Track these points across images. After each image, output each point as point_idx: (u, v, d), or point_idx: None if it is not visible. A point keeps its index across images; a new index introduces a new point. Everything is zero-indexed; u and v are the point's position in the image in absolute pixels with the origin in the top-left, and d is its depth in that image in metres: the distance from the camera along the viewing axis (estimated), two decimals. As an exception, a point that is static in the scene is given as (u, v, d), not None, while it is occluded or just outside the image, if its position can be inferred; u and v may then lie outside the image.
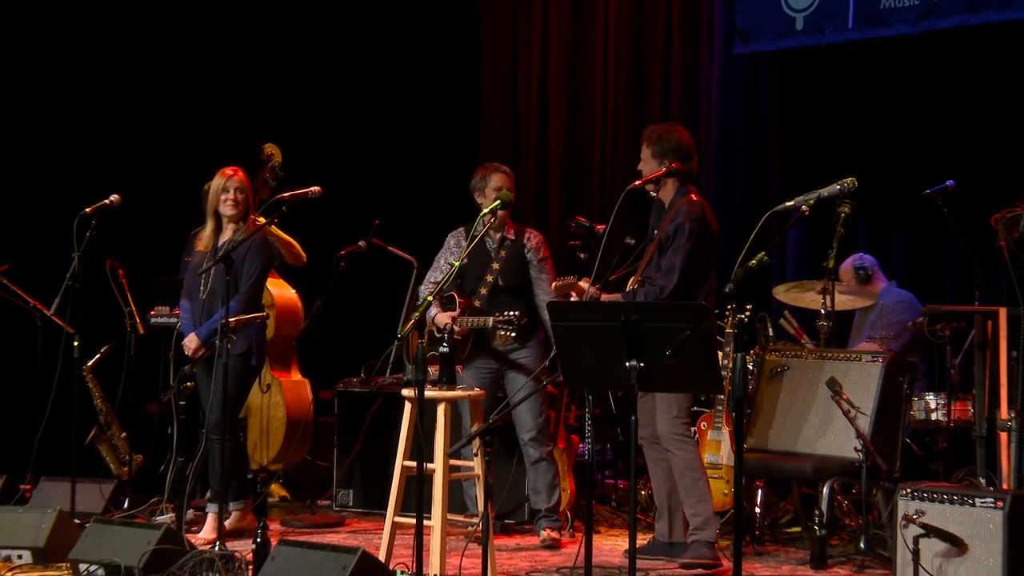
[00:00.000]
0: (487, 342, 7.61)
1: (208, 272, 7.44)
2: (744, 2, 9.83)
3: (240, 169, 7.60)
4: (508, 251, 7.69)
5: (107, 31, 9.66)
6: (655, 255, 6.82)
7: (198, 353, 7.38)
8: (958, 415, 7.82)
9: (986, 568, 6.22)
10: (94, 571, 6.30)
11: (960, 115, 8.98)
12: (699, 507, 6.71)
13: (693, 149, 6.96)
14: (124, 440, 8.29)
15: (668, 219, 6.82)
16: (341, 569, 5.62)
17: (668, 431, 6.78)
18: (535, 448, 7.64)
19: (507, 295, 7.60)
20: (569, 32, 11.08)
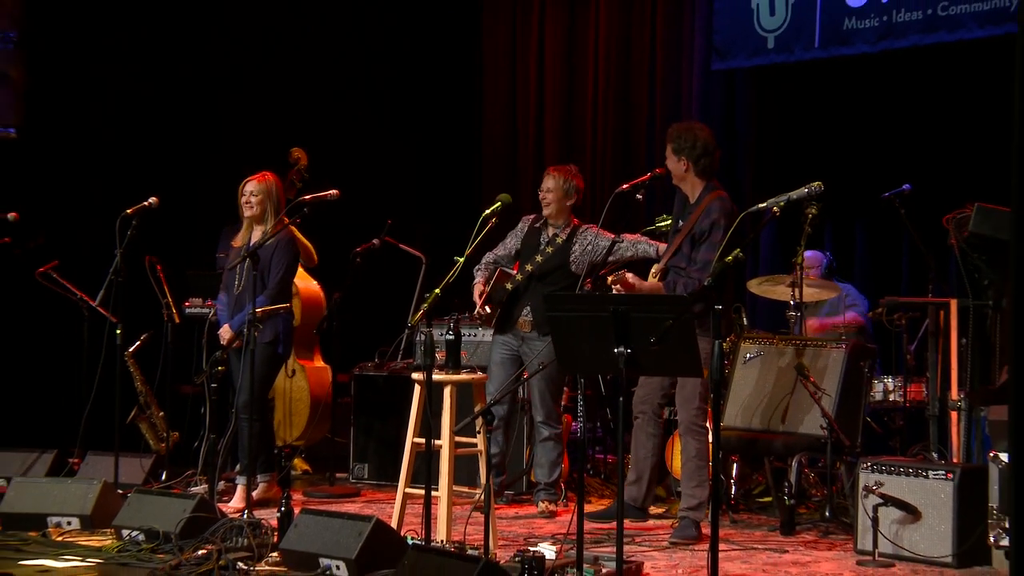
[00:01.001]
0: (513, 322, 7.62)
1: (240, 268, 7.46)
2: (721, 23, 9.84)
3: (265, 174, 7.59)
4: (556, 248, 7.60)
5: (148, 47, 9.65)
6: (683, 245, 6.73)
7: (232, 343, 7.40)
8: (913, 396, 7.85)
9: (938, 533, 6.25)
10: (135, 536, 6.31)
11: (916, 125, 8.99)
12: (697, 491, 6.67)
13: (713, 145, 6.86)
14: (162, 419, 8.30)
15: (698, 213, 6.72)
16: (357, 535, 5.63)
17: (689, 421, 6.72)
18: (545, 428, 7.65)
19: (541, 284, 7.54)
20: (563, 49, 11.07)
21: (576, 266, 7.53)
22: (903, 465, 6.49)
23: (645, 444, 7.00)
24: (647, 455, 7.01)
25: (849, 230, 9.22)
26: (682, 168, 6.79)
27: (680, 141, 6.78)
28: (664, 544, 6.63)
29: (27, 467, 7.97)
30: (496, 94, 11.48)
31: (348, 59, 10.80)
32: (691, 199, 6.83)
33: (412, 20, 11.17)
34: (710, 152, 6.81)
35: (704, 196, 6.76)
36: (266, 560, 5.91)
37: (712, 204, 6.70)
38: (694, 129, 6.89)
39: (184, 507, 6.32)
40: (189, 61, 9.86)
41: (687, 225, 6.74)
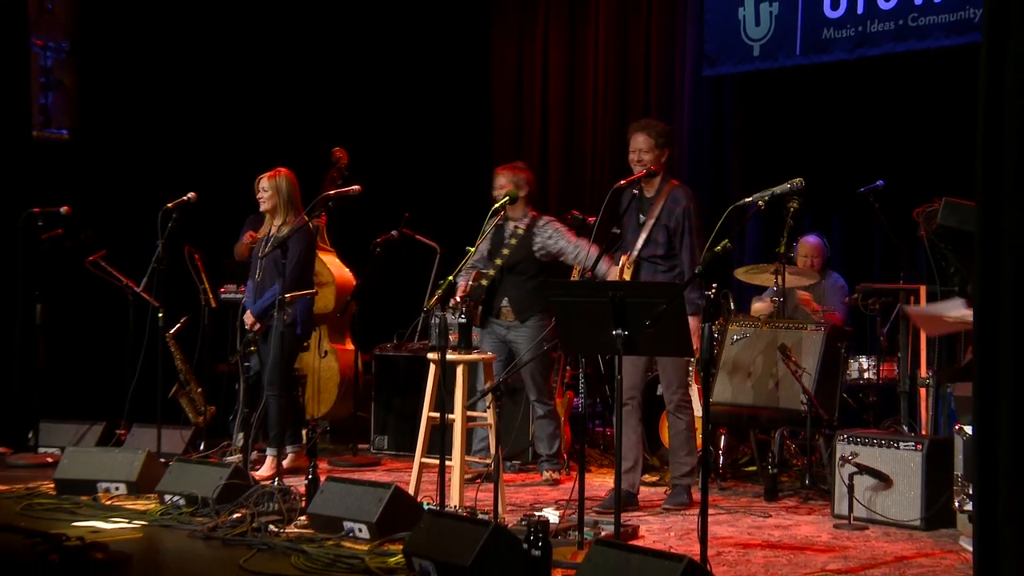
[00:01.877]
0: (495, 313, 7.60)
1: (261, 258, 7.47)
2: (710, 33, 9.83)
3: (278, 170, 7.56)
4: (519, 239, 7.56)
5: (189, 55, 9.66)
6: (656, 235, 6.59)
7: (255, 327, 7.41)
8: (885, 374, 7.84)
9: (908, 499, 6.26)
10: (176, 501, 6.33)
11: (889, 126, 8.98)
12: (687, 459, 6.65)
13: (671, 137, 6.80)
14: (200, 394, 8.32)
15: (661, 203, 6.60)
16: (378, 501, 5.65)
17: (676, 403, 6.65)
18: (539, 407, 7.65)
19: (512, 274, 7.54)
20: (565, 56, 11.05)
21: (540, 254, 7.49)
22: (876, 437, 6.50)
23: (631, 436, 6.75)
24: (635, 442, 6.80)
25: (827, 222, 9.21)
26: (662, 160, 6.64)
27: (664, 136, 6.65)
28: (658, 510, 6.64)
29: (79, 438, 8.01)
30: (505, 100, 11.47)
31: (374, 69, 10.81)
32: (649, 192, 6.67)
33: (431, 35, 11.17)
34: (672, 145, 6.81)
35: (663, 187, 6.65)
36: (295, 523, 5.93)
37: (675, 193, 6.62)
38: (663, 124, 6.79)
39: (220, 475, 6.33)
40: (227, 68, 9.88)
41: (652, 216, 6.60)
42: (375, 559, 5.24)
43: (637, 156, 6.62)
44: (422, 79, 11.10)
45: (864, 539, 6.03)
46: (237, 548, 5.55)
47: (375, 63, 10.82)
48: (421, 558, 4.99)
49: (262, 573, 5.17)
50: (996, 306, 3.72)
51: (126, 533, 5.93)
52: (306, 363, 8.38)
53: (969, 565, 5.13)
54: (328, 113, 10.04)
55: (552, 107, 11.16)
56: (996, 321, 3.71)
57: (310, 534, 5.74)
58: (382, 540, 5.49)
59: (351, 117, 10.19)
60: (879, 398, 7.98)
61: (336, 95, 10.34)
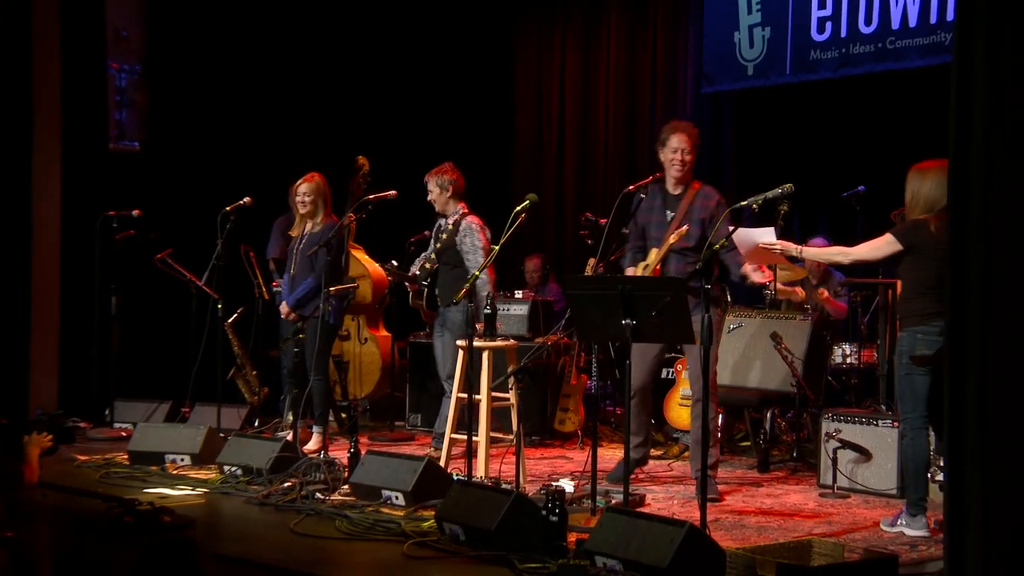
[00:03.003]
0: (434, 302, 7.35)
1: (297, 253, 7.47)
2: (709, 53, 9.81)
3: (313, 175, 7.52)
4: (448, 233, 7.31)
5: (242, 77, 9.68)
6: (692, 229, 6.12)
7: (290, 316, 7.40)
8: (866, 359, 7.82)
9: (885, 471, 6.25)
10: (234, 471, 6.36)
11: (869, 137, 8.93)
12: (713, 450, 6.13)
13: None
14: (255, 377, 8.34)
15: (689, 199, 6.20)
16: (412, 472, 5.66)
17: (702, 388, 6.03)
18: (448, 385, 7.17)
19: (440, 264, 7.30)
20: (579, 75, 11.03)
21: (459, 245, 7.20)
22: (857, 415, 6.48)
23: (641, 416, 6.37)
24: (643, 423, 6.44)
25: (814, 223, 9.16)
26: (693, 163, 6.26)
27: (698, 138, 6.27)
28: (664, 481, 6.62)
29: (149, 415, 8.04)
30: (526, 111, 11.45)
31: (408, 84, 10.79)
32: (675, 191, 6.27)
33: (460, 53, 11.14)
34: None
35: (688, 185, 6.26)
36: (338, 491, 5.96)
37: (704, 190, 6.24)
38: (694, 127, 6.38)
39: (273, 448, 6.36)
40: (275, 88, 9.88)
41: (682, 211, 6.17)
42: (410, 523, 5.26)
43: (680, 156, 6.20)
44: (452, 92, 11.07)
45: (846, 506, 6.02)
46: (287, 513, 5.58)
47: (409, 79, 10.81)
48: (451, 523, 5.00)
49: (310, 535, 5.19)
50: (965, 299, 3.71)
51: (190, 499, 5.97)
52: (347, 350, 8.39)
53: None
54: (363, 126, 10.01)
55: (568, 118, 11.14)
56: (965, 312, 3.70)
57: (352, 501, 5.76)
58: (416, 507, 5.50)
59: (387, 127, 10.16)
60: (860, 380, 7.94)
61: (373, 107, 10.32)
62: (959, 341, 3.72)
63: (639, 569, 4.33)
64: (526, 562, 4.54)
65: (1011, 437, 3.64)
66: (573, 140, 11.11)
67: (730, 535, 5.26)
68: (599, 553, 4.48)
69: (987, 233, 3.68)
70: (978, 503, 3.64)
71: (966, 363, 3.68)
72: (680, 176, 6.23)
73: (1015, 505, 3.62)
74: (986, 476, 3.64)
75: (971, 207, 3.70)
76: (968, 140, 3.71)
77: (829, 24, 8.96)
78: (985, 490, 3.64)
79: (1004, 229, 3.65)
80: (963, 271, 3.73)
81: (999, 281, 3.65)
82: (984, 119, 3.66)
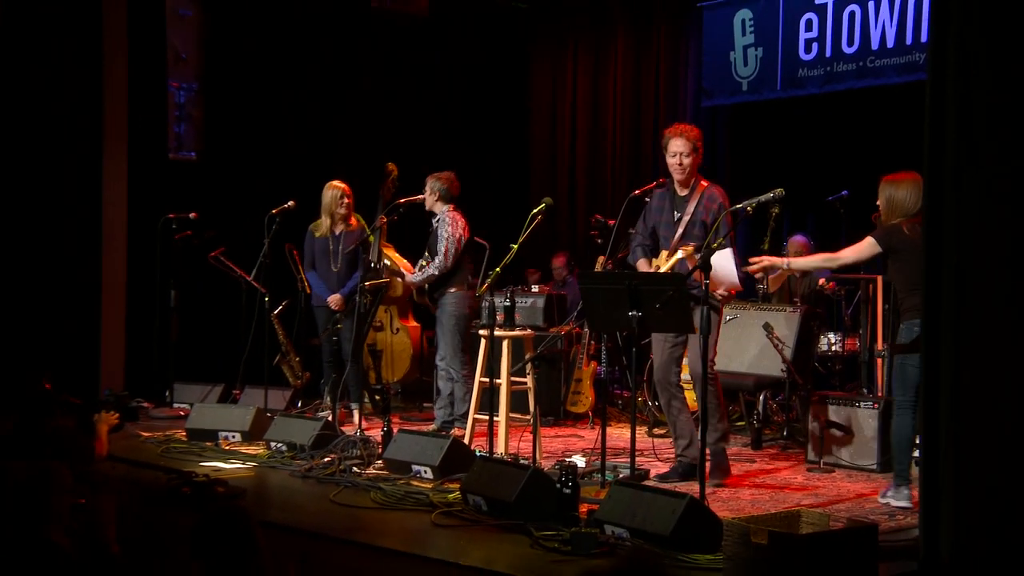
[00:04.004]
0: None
1: (336, 252, 7.50)
2: (707, 71, 9.77)
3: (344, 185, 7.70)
4: (435, 231, 7.29)
5: (288, 92, 9.71)
6: (694, 230, 5.75)
7: (343, 306, 7.44)
8: (849, 347, 7.79)
9: (867, 448, 6.23)
10: (280, 447, 6.39)
11: (852, 146, 8.87)
12: (720, 425, 5.75)
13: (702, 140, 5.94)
14: (298, 363, 8.36)
15: (695, 200, 5.78)
16: (440, 448, 5.67)
17: (700, 376, 5.45)
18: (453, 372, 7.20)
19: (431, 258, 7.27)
20: (590, 89, 10.97)
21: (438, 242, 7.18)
22: (841, 398, 6.46)
23: (678, 416, 5.92)
24: (686, 420, 5.93)
25: (802, 224, 9.12)
26: (696, 163, 5.83)
27: (699, 140, 5.84)
28: (668, 457, 6.59)
29: (204, 396, 8.07)
30: (541, 122, 11.40)
31: (432, 98, 10.77)
32: (682, 191, 5.86)
33: (482, 69, 11.12)
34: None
35: (695, 186, 5.83)
36: (373, 466, 5.97)
37: (709, 191, 5.80)
38: (695, 130, 5.89)
39: (314, 427, 6.39)
40: (316, 103, 9.90)
41: (688, 212, 5.78)
42: (437, 495, 5.27)
43: (678, 159, 5.77)
44: (474, 106, 11.04)
45: (831, 480, 6.00)
46: (327, 485, 5.60)
47: (435, 94, 10.80)
48: (474, 494, 5.01)
49: (347, 505, 5.22)
50: (939, 292, 3.70)
51: (241, 472, 6.00)
52: (381, 339, 8.39)
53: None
54: (395, 135, 9.99)
55: (579, 128, 11.10)
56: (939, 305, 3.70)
57: (385, 475, 5.78)
58: (443, 480, 5.52)
59: (415, 137, 10.15)
60: (844, 367, 7.92)
61: (402, 120, 10.29)
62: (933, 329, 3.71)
63: (644, 536, 4.34)
64: (542, 530, 4.55)
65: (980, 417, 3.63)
66: (584, 148, 11.09)
67: (726, 506, 5.26)
68: (608, 522, 4.49)
69: (958, 232, 3.67)
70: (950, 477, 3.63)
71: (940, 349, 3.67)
72: (682, 179, 5.84)
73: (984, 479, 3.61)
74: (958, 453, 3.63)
75: (944, 208, 3.69)
76: (941, 149, 3.70)
77: (815, 45, 8.92)
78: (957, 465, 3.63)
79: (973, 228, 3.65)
80: (937, 266, 3.72)
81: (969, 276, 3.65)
82: (954, 130, 3.65)
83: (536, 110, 11.46)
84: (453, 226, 7.19)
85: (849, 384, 7.75)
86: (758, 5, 9.33)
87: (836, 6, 8.77)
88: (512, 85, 11.40)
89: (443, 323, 7.23)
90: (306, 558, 4.27)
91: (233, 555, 2.90)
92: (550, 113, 11.36)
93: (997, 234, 3.59)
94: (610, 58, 10.80)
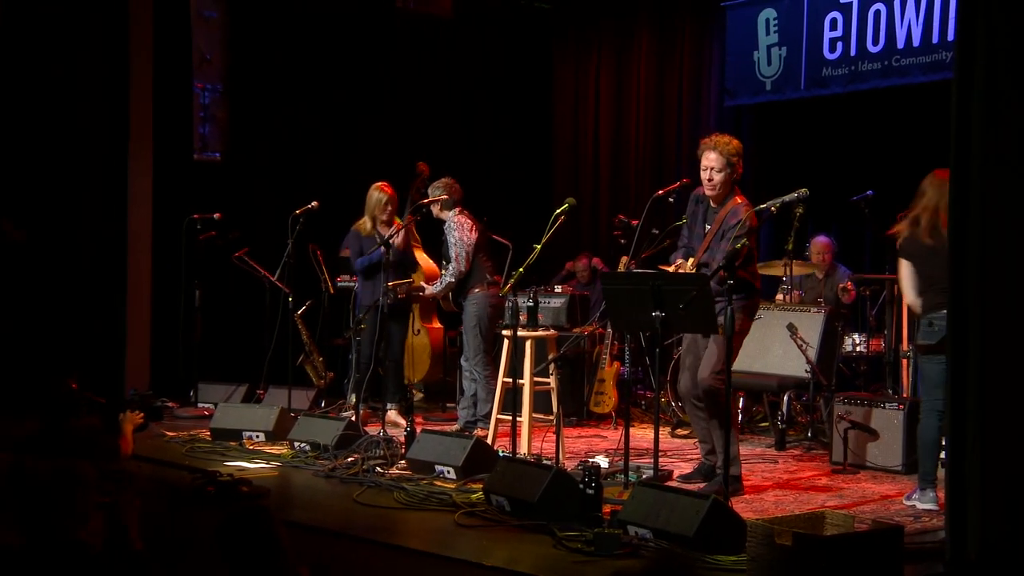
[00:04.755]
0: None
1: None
2: (731, 71, 9.73)
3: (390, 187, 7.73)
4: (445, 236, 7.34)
5: (313, 94, 9.73)
6: (713, 243, 5.59)
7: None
8: (874, 348, 7.73)
9: (892, 450, 6.19)
10: (303, 447, 6.41)
11: (877, 146, 8.84)
12: (731, 448, 5.23)
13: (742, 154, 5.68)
14: (321, 363, 8.38)
15: (723, 216, 5.57)
16: (463, 449, 5.67)
17: (708, 382, 5.48)
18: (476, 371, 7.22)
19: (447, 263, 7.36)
20: (613, 91, 10.96)
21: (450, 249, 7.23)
22: (866, 399, 6.42)
23: (702, 425, 5.74)
24: (708, 429, 5.71)
25: (827, 224, 9.07)
26: (733, 178, 5.60)
27: (736, 155, 5.59)
28: (691, 458, 6.57)
29: (228, 396, 8.10)
30: (564, 124, 11.40)
31: (458, 99, 10.80)
32: (715, 204, 5.66)
33: (507, 73, 11.12)
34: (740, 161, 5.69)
35: (728, 200, 5.62)
36: (396, 466, 5.98)
37: (736, 208, 5.55)
38: (734, 142, 5.63)
39: (338, 426, 6.41)
40: (342, 103, 9.92)
41: (714, 230, 5.61)
42: (460, 495, 5.27)
43: (708, 175, 5.56)
44: (497, 106, 11.06)
45: (856, 481, 5.97)
46: (351, 485, 5.61)
47: (461, 94, 10.82)
48: (497, 495, 5.01)
49: (370, 505, 5.22)
50: (965, 292, 3.67)
51: (265, 471, 6.02)
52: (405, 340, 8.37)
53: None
54: (422, 136, 10.02)
55: (603, 129, 11.08)
56: (966, 305, 3.67)
57: (408, 475, 5.78)
58: (466, 480, 5.52)
59: (441, 137, 10.17)
60: (869, 367, 7.87)
61: (428, 121, 10.32)
62: (960, 330, 3.68)
63: (668, 537, 4.32)
64: (565, 531, 4.55)
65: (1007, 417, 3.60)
66: (607, 148, 11.07)
67: (750, 507, 5.23)
68: (631, 523, 4.47)
69: (984, 232, 3.64)
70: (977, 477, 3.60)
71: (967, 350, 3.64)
72: (713, 195, 5.61)
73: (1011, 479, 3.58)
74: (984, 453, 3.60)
75: (970, 208, 3.66)
76: (967, 149, 3.68)
77: (840, 44, 8.87)
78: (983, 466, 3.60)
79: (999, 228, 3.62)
80: (962, 267, 3.69)
81: (995, 275, 3.62)
82: (981, 130, 3.63)
83: (559, 110, 11.46)
84: (460, 230, 7.27)
85: (874, 385, 7.70)
86: (782, 4, 9.29)
87: (861, 5, 8.72)
88: (535, 85, 11.40)
89: (466, 324, 7.30)
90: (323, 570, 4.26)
91: (257, 555, 2.91)
92: (573, 113, 11.35)
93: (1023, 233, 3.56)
94: (633, 58, 10.78)
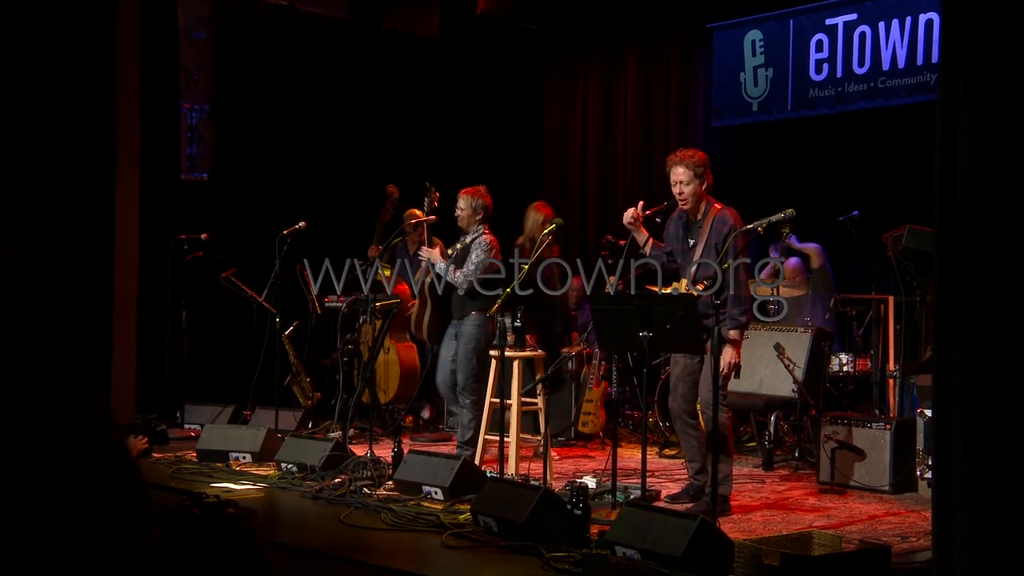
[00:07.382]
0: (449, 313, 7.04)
1: None
2: (718, 91, 9.78)
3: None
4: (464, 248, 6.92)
5: (297, 116, 9.74)
6: (704, 254, 5.59)
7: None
8: (861, 368, 7.75)
9: (878, 469, 6.20)
10: (290, 468, 6.38)
11: (863, 167, 8.88)
12: (722, 466, 5.34)
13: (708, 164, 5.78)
14: (308, 383, 8.36)
15: (708, 225, 5.63)
16: (450, 469, 5.66)
17: (709, 399, 5.30)
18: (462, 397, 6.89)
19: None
20: (601, 109, 11.01)
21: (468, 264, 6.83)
22: (853, 419, 6.43)
23: (692, 444, 5.78)
24: (698, 447, 5.76)
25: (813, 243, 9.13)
26: (702, 188, 5.69)
27: (701, 166, 5.67)
28: (680, 478, 6.57)
29: (215, 417, 8.07)
30: (553, 144, 11.44)
31: (446, 118, 10.82)
32: (696, 216, 5.72)
33: (496, 93, 11.16)
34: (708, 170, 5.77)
35: (708, 210, 5.69)
36: (383, 487, 5.96)
37: (721, 215, 5.63)
38: (699, 155, 5.77)
39: (325, 447, 6.38)
40: (327, 125, 9.93)
41: (701, 239, 5.65)
42: (448, 516, 5.26)
43: (679, 189, 5.66)
44: (485, 126, 11.07)
45: (843, 501, 5.97)
46: (338, 506, 5.59)
47: (449, 113, 10.85)
48: (485, 515, 5.00)
49: (358, 526, 5.20)
50: (951, 313, 3.68)
51: (252, 492, 5.99)
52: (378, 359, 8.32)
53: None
54: (410, 156, 10.03)
55: (590, 150, 11.13)
56: (952, 325, 3.68)
57: (396, 495, 5.76)
58: (453, 501, 5.50)
59: (428, 156, 10.18)
60: (855, 387, 7.88)
61: (415, 141, 10.35)
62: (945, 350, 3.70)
63: (655, 558, 4.32)
64: (553, 551, 4.53)
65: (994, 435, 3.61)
66: (595, 168, 11.10)
67: (738, 527, 5.23)
68: (619, 543, 4.46)
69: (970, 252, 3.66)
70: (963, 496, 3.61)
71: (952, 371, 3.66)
72: (688, 208, 5.70)
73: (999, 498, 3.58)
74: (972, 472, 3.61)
75: (955, 228, 3.68)
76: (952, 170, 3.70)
77: (826, 65, 8.92)
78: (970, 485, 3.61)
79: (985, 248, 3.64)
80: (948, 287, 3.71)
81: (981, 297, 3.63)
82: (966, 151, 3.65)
83: (547, 130, 11.50)
84: (488, 253, 6.83)
85: (861, 405, 7.71)
86: (768, 26, 9.36)
87: (847, 27, 8.79)
88: (523, 105, 11.44)
89: (463, 347, 6.87)
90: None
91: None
92: (561, 133, 11.39)
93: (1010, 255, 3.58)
94: (621, 78, 10.83)
